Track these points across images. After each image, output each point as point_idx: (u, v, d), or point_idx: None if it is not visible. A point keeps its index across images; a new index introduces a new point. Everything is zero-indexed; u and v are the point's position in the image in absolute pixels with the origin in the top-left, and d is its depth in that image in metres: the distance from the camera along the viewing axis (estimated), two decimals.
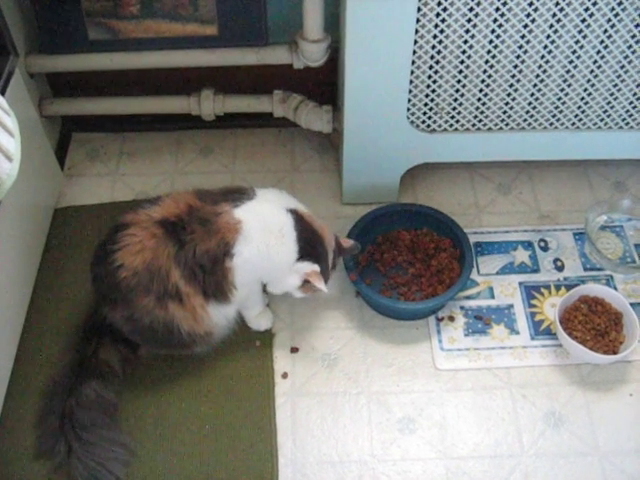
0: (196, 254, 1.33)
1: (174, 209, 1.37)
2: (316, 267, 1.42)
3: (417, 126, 1.63)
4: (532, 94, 1.57)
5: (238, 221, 1.35)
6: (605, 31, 1.45)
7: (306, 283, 1.43)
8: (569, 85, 1.55)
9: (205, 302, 1.37)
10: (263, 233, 1.37)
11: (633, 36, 1.46)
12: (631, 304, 1.56)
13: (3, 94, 1.46)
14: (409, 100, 1.56)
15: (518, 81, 1.54)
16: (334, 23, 1.66)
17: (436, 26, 1.42)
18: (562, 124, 1.64)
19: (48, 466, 1.38)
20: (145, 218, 1.36)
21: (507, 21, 1.42)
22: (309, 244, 1.42)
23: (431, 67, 1.50)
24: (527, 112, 1.61)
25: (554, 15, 1.41)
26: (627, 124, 1.64)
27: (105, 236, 1.40)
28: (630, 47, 1.48)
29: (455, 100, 1.58)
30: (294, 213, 1.42)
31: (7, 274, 1.51)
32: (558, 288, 1.66)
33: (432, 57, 1.48)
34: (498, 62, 1.50)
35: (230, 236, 1.34)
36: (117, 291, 1.35)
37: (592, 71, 1.53)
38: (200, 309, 1.37)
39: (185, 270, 1.33)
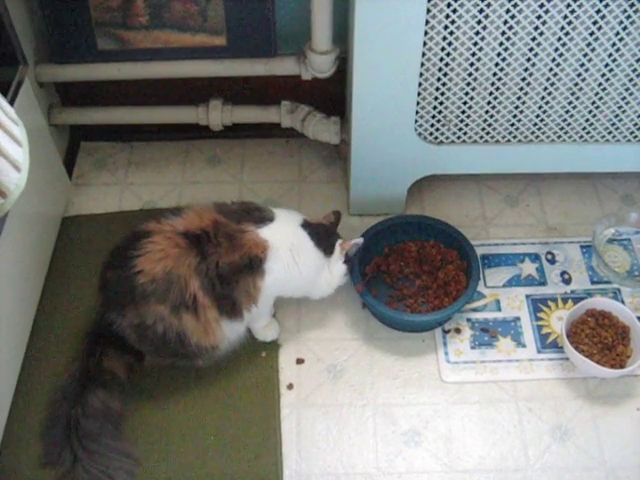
0: (219, 265, 1.34)
1: (198, 223, 1.38)
2: (339, 241, 1.54)
3: (425, 138, 1.63)
4: (540, 106, 1.57)
5: (265, 240, 1.39)
6: (613, 44, 1.45)
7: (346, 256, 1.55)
8: (577, 98, 1.55)
9: (219, 317, 1.38)
10: (291, 252, 1.43)
11: None
12: (638, 318, 1.55)
13: (12, 103, 1.46)
14: (417, 112, 1.56)
15: (526, 93, 1.54)
16: (342, 34, 1.66)
17: (444, 38, 1.43)
18: (570, 137, 1.64)
19: (53, 475, 1.37)
20: (169, 228, 1.37)
21: (515, 34, 1.42)
22: (326, 239, 1.52)
23: (439, 79, 1.51)
24: (535, 124, 1.61)
25: (562, 28, 1.41)
26: (635, 137, 1.64)
27: (122, 242, 1.41)
28: (638, 60, 1.48)
29: (463, 112, 1.58)
30: (305, 224, 1.49)
31: (14, 283, 1.51)
32: (565, 301, 1.65)
33: (440, 69, 1.49)
34: (506, 74, 1.50)
35: (258, 251, 1.38)
36: (131, 297, 1.35)
37: (600, 84, 1.53)
38: (214, 322, 1.38)
39: (205, 281, 1.34)
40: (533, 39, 1.43)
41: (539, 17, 1.39)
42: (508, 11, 1.38)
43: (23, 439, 1.44)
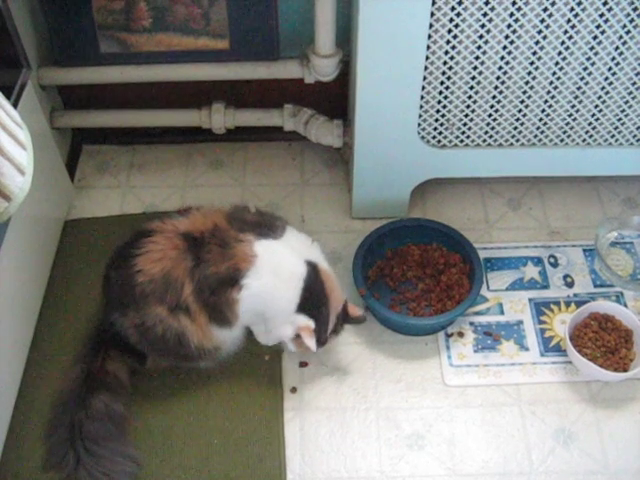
0: (207, 273, 1.33)
1: (200, 225, 1.38)
2: (311, 323, 1.39)
3: (427, 141, 1.63)
4: (543, 110, 1.57)
5: (254, 255, 1.35)
6: (616, 48, 1.45)
7: (299, 337, 1.41)
8: (580, 101, 1.55)
9: (208, 323, 1.38)
10: (273, 275, 1.36)
11: None
12: None
13: (16, 106, 1.46)
14: (420, 115, 1.56)
15: (529, 97, 1.54)
16: (346, 38, 1.66)
17: (448, 42, 1.43)
18: (573, 140, 1.64)
19: (56, 478, 1.38)
20: (171, 228, 1.37)
21: (519, 37, 1.42)
22: (311, 300, 1.40)
23: (442, 82, 1.51)
24: (538, 128, 1.61)
25: (565, 32, 1.41)
26: (638, 141, 1.64)
27: (126, 240, 1.41)
28: None
29: (466, 115, 1.58)
30: (311, 266, 1.40)
31: (17, 286, 1.51)
32: (568, 304, 1.65)
33: (443, 73, 1.49)
34: (509, 78, 1.50)
35: (243, 265, 1.34)
36: (131, 296, 1.35)
37: (603, 87, 1.53)
38: (205, 327, 1.38)
39: (196, 287, 1.34)
40: (536, 43, 1.43)
41: (542, 21, 1.39)
42: (512, 15, 1.38)
43: (26, 442, 1.44)
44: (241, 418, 1.47)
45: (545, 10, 1.37)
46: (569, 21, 1.39)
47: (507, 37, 1.42)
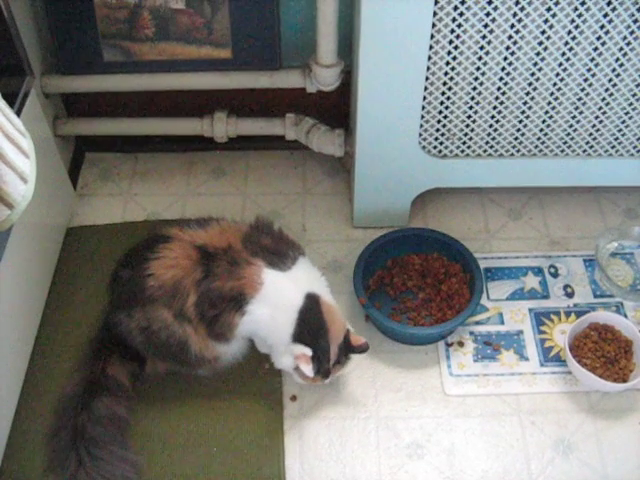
0: (210, 287, 1.34)
1: (217, 241, 1.39)
2: (307, 351, 1.38)
3: (428, 151, 1.63)
4: (544, 120, 1.58)
5: (262, 282, 1.36)
6: (617, 60, 1.45)
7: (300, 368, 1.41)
8: (581, 112, 1.56)
9: (206, 336, 1.39)
10: (273, 306, 1.37)
11: None
12: None
13: (19, 114, 1.47)
14: (421, 125, 1.57)
15: (530, 107, 1.55)
16: (347, 47, 1.67)
17: (449, 52, 1.43)
18: (573, 151, 1.64)
19: None
20: (188, 238, 1.39)
21: (519, 48, 1.43)
22: (308, 330, 1.39)
23: (443, 93, 1.51)
24: (538, 138, 1.61)
25: (566, 43, 1.42)
26: (638, 151, 1.64)
27: (141, 243, 1.44)
28: None
29: (467, 126, 1.58)
30: (310, 298, 1.40)
31: (19, 293, 1.51)
32: (568, 315, 1.66)
33: (444, 83, 1.49)
34: (510, 88, 1.51)
35: (248, 291, 1.35)
36: (139, 298, 1.36)
37: (603, 99, 1.53)
38: (206, 338, 1.39)
39: (198, 299, 1.35)
40: (537, 54, 1.44)
41: (543, 32, 1.40)
42: (512, 26, 1.39)
43: (27, 446, 1.44)
44: (241, 426, 1.47)
45: (546, 21, 1.38)
46: (570, 32, 1.40)
47: (508, 48, 1.43)
